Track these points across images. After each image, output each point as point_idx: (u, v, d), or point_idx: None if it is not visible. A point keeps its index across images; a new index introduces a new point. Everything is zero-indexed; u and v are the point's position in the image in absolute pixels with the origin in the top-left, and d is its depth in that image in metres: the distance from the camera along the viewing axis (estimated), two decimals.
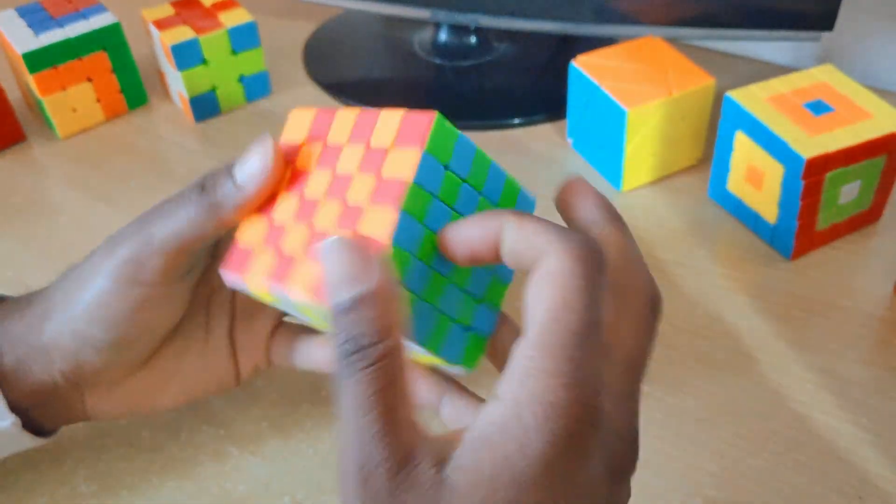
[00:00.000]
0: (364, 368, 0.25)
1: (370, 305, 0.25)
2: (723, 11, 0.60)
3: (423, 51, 0.71)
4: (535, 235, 0.26)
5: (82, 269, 0.36)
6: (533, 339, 0.25)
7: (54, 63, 0.61)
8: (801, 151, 0.47)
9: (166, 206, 0.34)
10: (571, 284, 0.25)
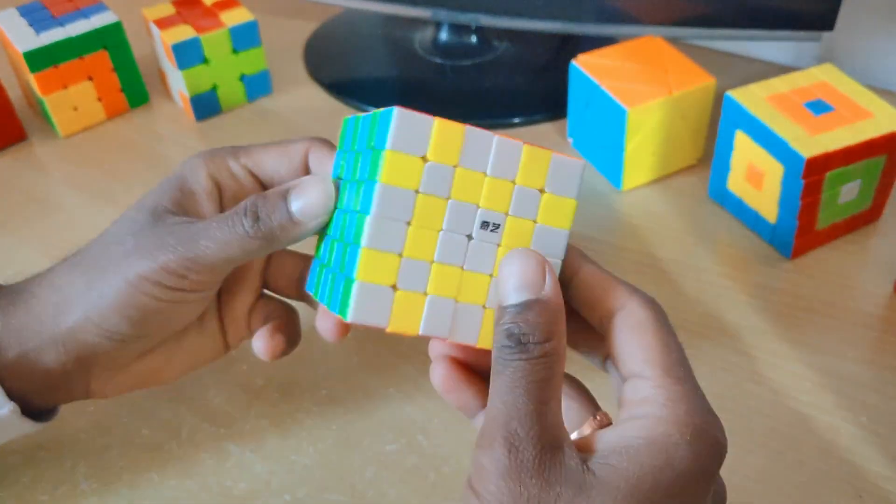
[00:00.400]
0: (529, 359, 0.28)
1: (543, 310, 0.29)
2: (723, 11, 0.60)
3: (423, 50, 0.72)
4: (611, 287, 0.31)
5: (102, 259, 0.36)
6: (658, 373, 0.29)
7: (55, 62, 0.61)
8: (802, 151, 0.47)
9: (217, 229, 0.34)
10: (665, 328, 0.30)
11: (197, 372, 0.46)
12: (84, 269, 0.36)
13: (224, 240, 0.34)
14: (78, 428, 0.44)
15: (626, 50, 0.57)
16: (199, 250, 0.34)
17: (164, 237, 0.35)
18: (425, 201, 0.29)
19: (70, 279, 0.37)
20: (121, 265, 0.35)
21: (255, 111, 0.66)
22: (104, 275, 0.35)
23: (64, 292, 0.36)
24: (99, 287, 0.35)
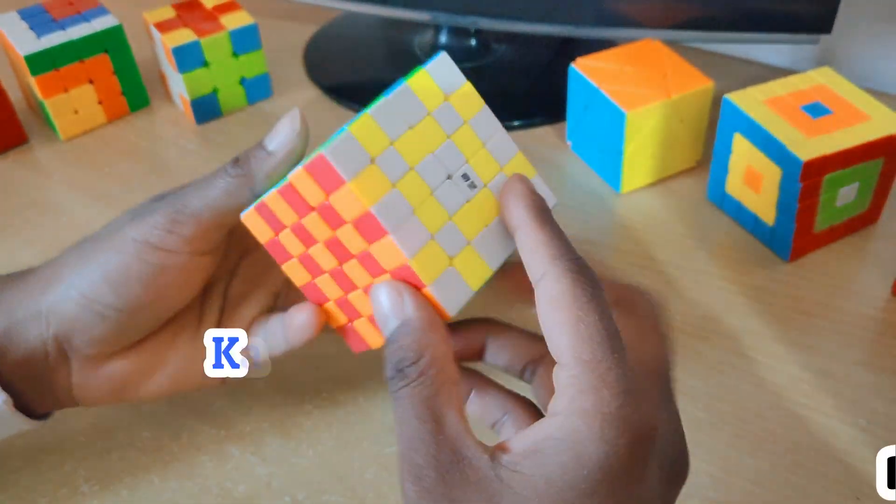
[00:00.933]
0: (405, 386, 0.28)
1: (405, 334, 0.29)
2: (721, 14, 0.60)
3: (423, 53, 0.72)
4: (532, 254, 0.29)
5: (99, 236, 0.37)
6: (569, 359, 0.26)
7: (56, 65, 0.61)
8: (799, 154, 0.47)
9: (201, 180, 0.36)
10: (579, 301, 0.27)
11: None
12: (80, 245, 0.37)
13: (207, 185, 0.35)
14: (78, 430, 0.44)
15: (625, 53, 0.58)
16: (185, 201, 0.35)
17: (152, 203, 0.37)
18: (428, 125, 0.32)
19: (65, 255, 0.37)
20: (114, 236, 0.36)
21: (255, 114, 0.67)
22: (96, 244, 0.36)
23: (60, 265, 0.37)
24: (89, 257, 0.36)
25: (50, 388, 0.38)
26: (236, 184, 0.35)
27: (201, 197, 0.35)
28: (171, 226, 0.35)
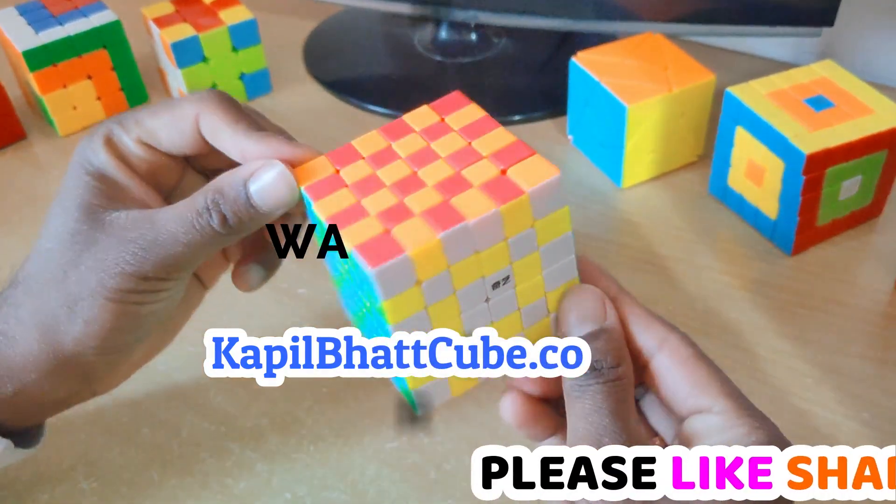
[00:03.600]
0: (606, 382, 0.31)
1: (610, 338, 0.31)
2: (723, 7, 0.60)
3: (423, 48, 0.71)
4: (647, 329, 0.33)
5: (73, 288, 0.34)
6: (729, 405, 0.31)
7: (54, 61, 0.61)
8: (802, 147, 0.47)
9: (184, 233, 0.33)
10: (709, 360, 0.32)
11: (197, 371, 0.46)
12: (52, 298, 0.34)
13: (195, 241, 0.33)
14: (78, 427, 0.44)
15: (626, 47, 0.57)
16: (173, 255, 0.33)
17: (126, 247, 0.33)
18: (437, 307, 0.30)
19: (43, 310, 0.34)
20: (96, 286, 0.33)
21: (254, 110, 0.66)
22: (81, 300, 0.34)
23: (43, 326, 0.34)
24: (81, 313, 0.34)
25: (68, 406, 0.38)
26: (228, 240, 0.33)
27: (191, 252, 0.33)
28: (164, 275, 0.33)
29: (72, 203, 0.34)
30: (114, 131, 0.35)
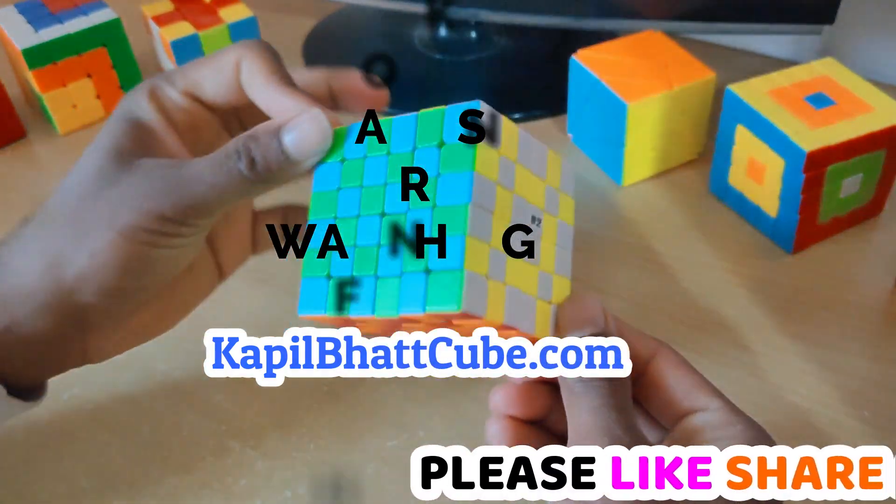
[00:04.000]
0: (611, 380, 0.31)
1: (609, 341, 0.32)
2: (724, 5, 0.59)
3: (423, 46, 0.71)
4: (644, 337, 0.34)
5: (89, 219, 0.33)
6: (723, 403, 0.32)
7: (54, 59, 0.61)
8: (803, 145, 0.47)
9: (210, 174, 0.32)
10: (692, 366, 0.33)
11: (197, 370, 0.46)
12: (63, 229, 0.34)
13: (220, 183, 0.32)
14: (77, 425, 0.44)
15: (627, 44, 0.57)
16: (196, 195, 0.32)
17: (150, 184, 0.32)
18: (501, 193, 0.30)
19: (51, 242, 0.34)
20: (110, 219, 0.33)
21: None
22: (92, 231, 0.33)
23: (48, 256, 0.34)
24: (89, 245, 0.33)
25: (58, 364, 0.36)
26: (254, 187, 0.32)
27: (215, 195, 0.32)
28: (182, 218, 0.33)
29: (103, 144, 0.34)
30: (158, 83, 0.35)
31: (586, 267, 0.51)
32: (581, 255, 0.52)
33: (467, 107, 0.30)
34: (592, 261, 0.52)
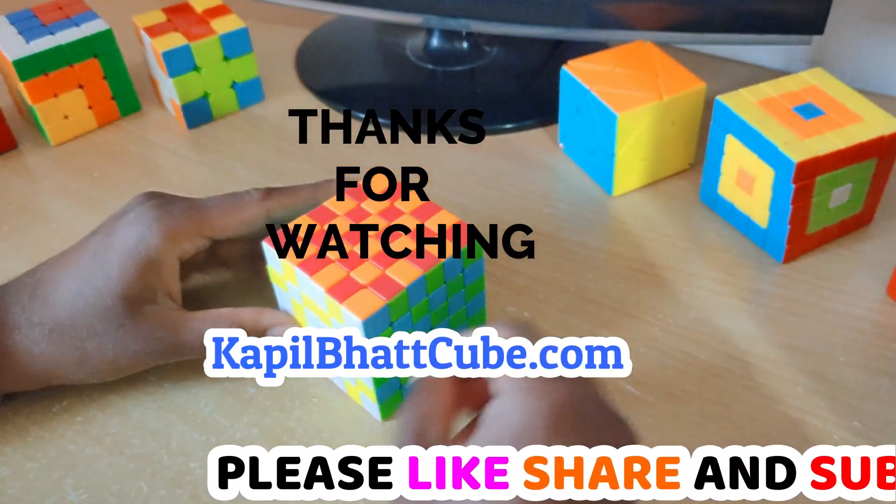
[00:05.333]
0: (422, 382, 0.36)
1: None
2: (713, 15, 0.60)
3: (415, 56, 0.72)
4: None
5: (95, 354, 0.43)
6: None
7: (45, 70, 0.61)
8: (792, 155, 0.47)
9: (196, 341, 0.44)
10: None
11: (186, 381, 0.46)
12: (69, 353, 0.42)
13: (201, 347, 0.44)
14: (66, 438, 0.44)
15: (617, 55, 0.57)
16: (185, 353, 0.44)
17: (147, 343, 0.43)
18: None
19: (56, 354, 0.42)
20: (112, 360, 0.43)
21: (246, 118, 0.66)
22: (92, 364, 0.43)
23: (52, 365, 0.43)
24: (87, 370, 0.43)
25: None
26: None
27: (181, 356, 0.44)
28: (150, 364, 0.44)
29: (114, 289, 0.42)
30: (179, 231, 0.44)
31: (576, 276, 0.51)
32: (571, 265, 0.52)
33: None
34: (583, 270, 0.52)
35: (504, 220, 0.55)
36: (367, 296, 0.40)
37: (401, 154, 0.62)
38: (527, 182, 0.59)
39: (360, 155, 0.62)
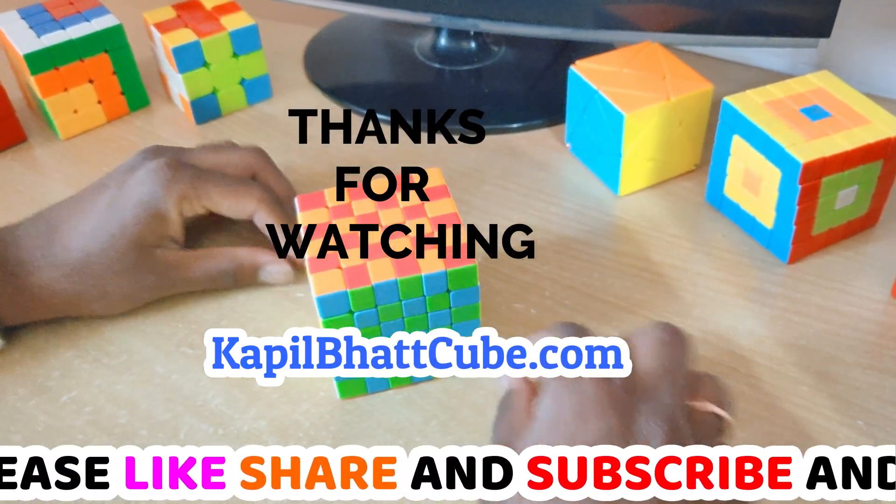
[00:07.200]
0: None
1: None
2: (721, 17, 0.60)
3: (422, 55, 0.72)
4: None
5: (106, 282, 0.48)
6: None
7: (56, 64, 0.61)
8: (798, 156, 0.47)
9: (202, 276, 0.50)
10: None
11: (195, 373, 0.46)
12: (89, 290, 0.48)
13: (209, 285, 0.51)
14: (76, 428, 0.44)
15: (625, 55, 0.58)
16: (188, 285, 0.50)
17: (157, 277, 0.49)
18: None
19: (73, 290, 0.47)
20: (124, 292, 0.49)
21: (254, 115, 0.67)
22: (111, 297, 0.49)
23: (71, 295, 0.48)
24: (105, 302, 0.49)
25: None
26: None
27: (188, 287, 0.50)
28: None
29: (130, 233, 0.47)
30: (188, 194, 0.49)
31: (583, 275, 0.52)
32: (578, 264, 0.52)
33: None
34: (589, 269, 0.52)
35: (510, 220, 0.56)
36: (335, 277, 0.41)
37: (405, 153, 0.62)
38: (533, 181, 0.59)
39: (366, 153, 0.62)
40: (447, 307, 0.43)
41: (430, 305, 0.42)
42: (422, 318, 0.43)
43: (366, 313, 0.41)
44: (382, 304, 0.41)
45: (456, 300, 0.43)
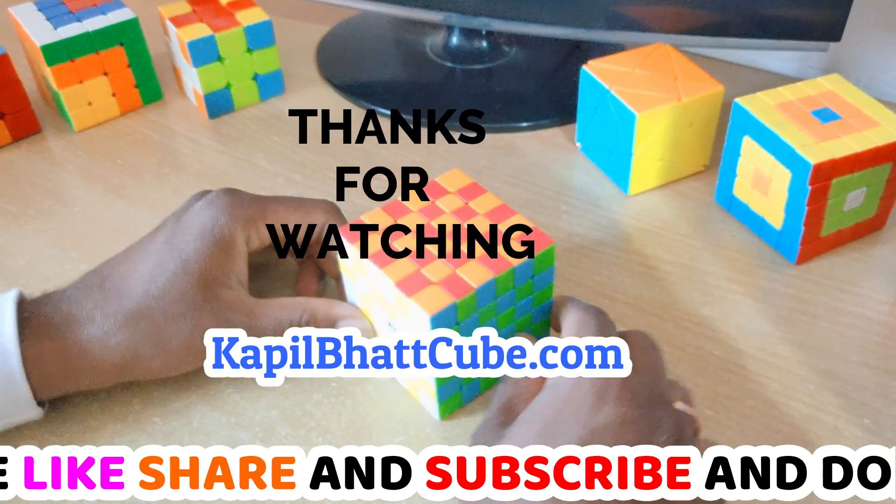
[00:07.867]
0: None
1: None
2: (732, 20, 0.60)
3: (434, 54, 0.72)
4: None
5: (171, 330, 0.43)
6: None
7: (72, 56, 0.61)
8: (809, 157, 0.48)
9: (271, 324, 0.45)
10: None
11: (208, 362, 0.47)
12: (146, 337, 0.42)
13: (278, 334, 0.44)
14: (89, 415, 0.44)
15: (636, 56, 0.58)
16: (256, 334, 0.44)
17: (222, 323, 0.43)
18: None
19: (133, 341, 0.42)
20: (188, 343, 0.43)
21: (267, 110, 0.67)
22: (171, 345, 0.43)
23: (128, 353, 0.42)
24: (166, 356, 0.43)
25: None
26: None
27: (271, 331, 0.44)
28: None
29: (193, 270, 0.43)
30: (252, 217, 0.45)
31: (593, 274, 0.52)
32: (587, 262, 0.53)
33: None
34: (599, 268, 0.52)
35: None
36: (436, 292, 0.39)
37: (415, 151, 0.63)
38: (544, 180, 0.60)
39: (376, 150, 0.63)
40: (531, 293, 0.43)
41: (519, 295, 0.42)
42: (510, 312, 0.43)
43: (469, 321, 0.41)
44: (483, 306, 0.41)
45: (538, 284, 0.43)
